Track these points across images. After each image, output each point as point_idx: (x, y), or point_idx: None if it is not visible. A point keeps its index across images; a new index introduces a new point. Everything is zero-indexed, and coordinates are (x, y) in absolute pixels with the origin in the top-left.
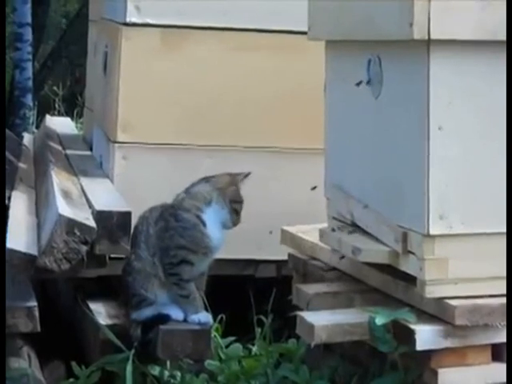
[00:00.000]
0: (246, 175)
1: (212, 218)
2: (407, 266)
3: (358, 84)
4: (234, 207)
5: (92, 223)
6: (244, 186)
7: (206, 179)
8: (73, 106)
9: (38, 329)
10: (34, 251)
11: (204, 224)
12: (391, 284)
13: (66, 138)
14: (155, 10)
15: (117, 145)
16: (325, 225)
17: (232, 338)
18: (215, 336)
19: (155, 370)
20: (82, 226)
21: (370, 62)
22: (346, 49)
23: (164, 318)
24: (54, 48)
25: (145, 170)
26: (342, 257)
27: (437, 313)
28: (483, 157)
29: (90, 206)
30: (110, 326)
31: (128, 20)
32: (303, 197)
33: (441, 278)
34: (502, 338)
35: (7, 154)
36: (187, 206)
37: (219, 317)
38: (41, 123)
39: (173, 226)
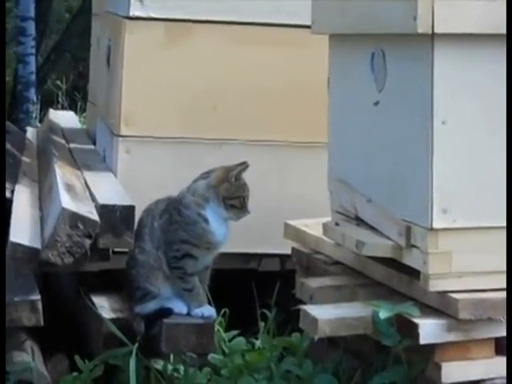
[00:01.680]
0: (243, 167)
1: (213, 214)
2: (411, 259)
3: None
4: (231, 203)
5: (95, 217)
6: (247, 180)
7: (204, 175)
8: (76, 100)
9: (42, 322)
10: (37, 245)
11: (206, 220)
12: (395, 278)
13: (70, 132)
14: (158, 4)
15: (120, 138)
16: (328, 219)
17: (235, 332)
18: (219, 330)
19: (159, 364)
20: (86, 220)
21: (373, 55)
22: (349, 43)
23: (167, 312)
24: (58, 42)
25: (148, 164)
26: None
27: (440, 306)
28: (486, 151)
29: (94, 199)
30: (113, 320)
31: (131, 14)
32: (306, 190)
33: (444, 272)
34: (505, 331)
35: (11, 147)
36: (188, 203)
37: (223, 311)
38: (44, 117)
39: (176, 220)
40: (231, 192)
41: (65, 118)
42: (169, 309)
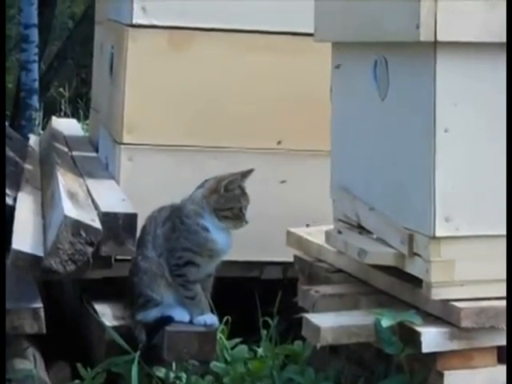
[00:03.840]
0: (234, 177)
1: (213, 223)
2: (413, 268)
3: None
4: (223, 214)
5: (98, 225)
6: (250, 188)
7: (202, 185)
8: (79, 108)
9: (44, 330)
10: (39, 252)
11: (206, 229)
12: (397, 286)
13: (72, 140)
14: (161, 12)
15: (122, 146)
16: (331, 226)
17: (238, 340)
18: (221, 338)
19: (161, 372)
20: (88, 228)
21: (376, 63)
22: (352, 50)
23: (168, 320)
24: (60, 49)
25: (150, 172)
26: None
27: (443, 315)
28: (489, 159)
29: (96, 207)
30: (115, 328)
31: (134, 21)
32: (308, 198)
33: (447, 280)
34: None
35: (13, 155)
36: (188, 211)
37: (225, 318)
38: (47, 125)
39: (179, 227)
40: (221, 203)
41: (67, 126)
42: (169, 317)
